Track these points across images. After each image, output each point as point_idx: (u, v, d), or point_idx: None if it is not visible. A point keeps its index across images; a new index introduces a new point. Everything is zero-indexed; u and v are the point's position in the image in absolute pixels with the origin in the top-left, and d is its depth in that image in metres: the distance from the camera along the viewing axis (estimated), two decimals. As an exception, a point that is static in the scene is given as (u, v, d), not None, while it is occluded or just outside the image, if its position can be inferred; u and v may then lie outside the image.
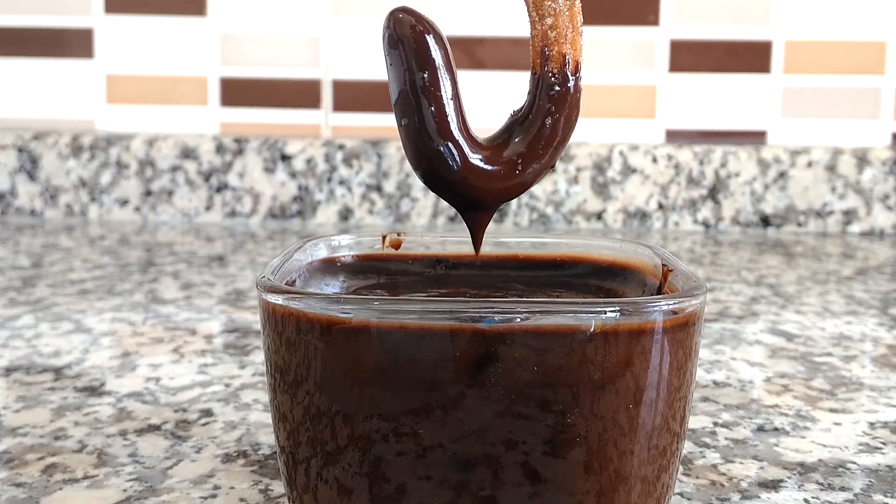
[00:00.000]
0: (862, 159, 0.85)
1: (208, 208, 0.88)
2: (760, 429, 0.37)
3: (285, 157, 0.87)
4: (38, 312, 0.54)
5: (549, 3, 0.28)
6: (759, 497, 0.31)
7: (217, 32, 0.90)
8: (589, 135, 0.89)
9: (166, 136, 0.88)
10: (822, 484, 0.32)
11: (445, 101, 0.27)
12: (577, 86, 0.28)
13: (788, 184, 0.86)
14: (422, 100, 0.27)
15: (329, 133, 0.90)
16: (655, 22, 0.88)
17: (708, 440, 0.36)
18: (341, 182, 0.87)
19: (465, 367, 0.24)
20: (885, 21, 0.87)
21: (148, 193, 0.88)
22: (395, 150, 0.86)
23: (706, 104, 0.89)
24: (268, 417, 0.37)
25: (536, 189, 0.85)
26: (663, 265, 0.30)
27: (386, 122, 0.90)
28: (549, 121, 0.28)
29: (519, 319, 0.24)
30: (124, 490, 0.31)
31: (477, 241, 0.31)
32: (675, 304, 0.25)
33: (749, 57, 0.88)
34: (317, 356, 0.25)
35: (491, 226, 0.30)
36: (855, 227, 0.86)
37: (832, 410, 0.39)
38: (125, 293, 0.59)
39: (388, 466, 0.25)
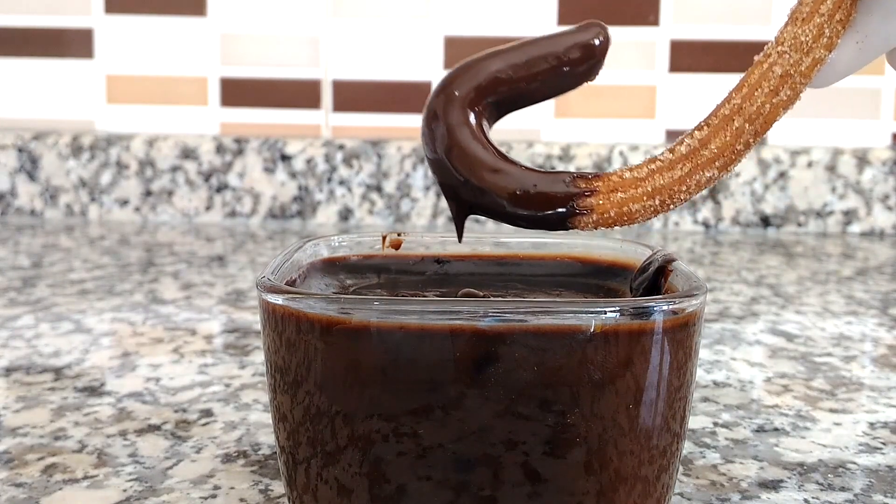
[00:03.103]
0: (862, 159, 0.85)
1: (208, 208, 0.88)
2: (760, 429, 0.37)
3: (285, 158, 0.87)
4: (38, 312, 0.54)
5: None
6: (759, 497, 0.31)
7: (217, 32, 0.90)
8: (589, 135, 0.89)
9: (166, 137, 0.88)
10: (822, 484, 0.32)
11: None
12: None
13: (788, 184, 0.86)
14: None
15: (329, 133, 0.90)
16: (655, 22, 0.88)
17: (708, 440, 0.36)
18: (341, 182, 0.86)
19: (466, 368, 0.24)
20: (885, 21, 0.87)
21: (148, 193, 0.88)
22: (394, 151, 0.86)
23: (706, 104, 0.89)
24: (268, 417, 0.37)
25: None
26: (664, 265, 0.30)
27: (386, 123, 0.90)
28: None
29: (519, 319, 0.24)
30: (124, 490, 0.31)
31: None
32: (675, 304, 0.25)
33: (749, 57, 0.88)
34: (317, 356, 0.25)
35: (491, 226, 0.30)
36: (855, 228, 0.86)
37: (832, 411, 0.39)
38: (125, 293, 0.59)
39: (388, 466, 0.25)
